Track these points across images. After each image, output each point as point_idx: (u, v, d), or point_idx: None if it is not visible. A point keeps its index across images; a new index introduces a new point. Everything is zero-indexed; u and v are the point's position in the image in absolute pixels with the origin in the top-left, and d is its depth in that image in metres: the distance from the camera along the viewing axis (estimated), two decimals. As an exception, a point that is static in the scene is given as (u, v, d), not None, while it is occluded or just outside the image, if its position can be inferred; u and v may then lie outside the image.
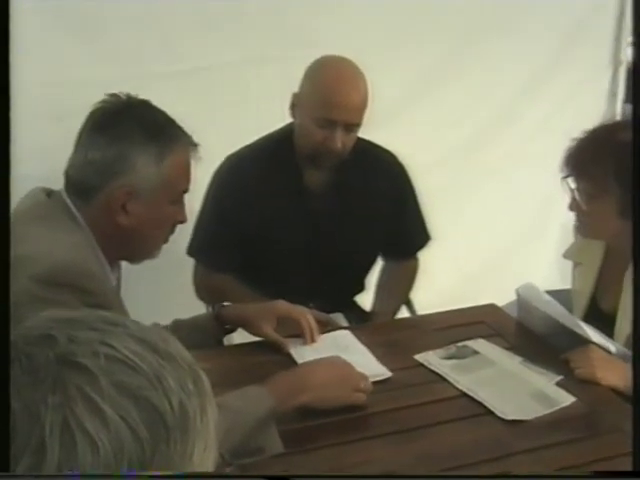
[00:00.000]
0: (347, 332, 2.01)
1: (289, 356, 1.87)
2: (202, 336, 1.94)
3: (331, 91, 2.08)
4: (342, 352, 1.79)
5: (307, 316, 1.93)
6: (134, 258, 1.76)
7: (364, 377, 1.67)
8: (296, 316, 1.93)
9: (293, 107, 2.17)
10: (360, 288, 2.46)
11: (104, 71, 2.45)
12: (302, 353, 1.87)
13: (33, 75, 2.22)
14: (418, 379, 1.81)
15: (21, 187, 1.56)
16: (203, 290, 2.32)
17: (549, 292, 2.04)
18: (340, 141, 2.10)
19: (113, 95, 1.63)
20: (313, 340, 1.92)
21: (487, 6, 2.99)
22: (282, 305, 1.94)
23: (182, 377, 0.68)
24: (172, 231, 1.73)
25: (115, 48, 2.53)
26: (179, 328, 1.93)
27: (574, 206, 1.95)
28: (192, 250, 2.30)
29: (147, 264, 1.77)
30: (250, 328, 1.94)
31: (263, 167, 2.23)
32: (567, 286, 2.21)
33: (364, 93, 2.10)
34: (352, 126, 2.12)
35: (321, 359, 1.69)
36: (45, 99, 2.38)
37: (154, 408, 0.65)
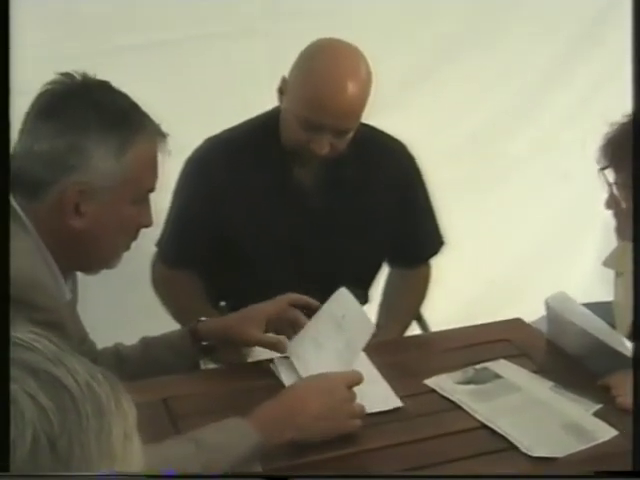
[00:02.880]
0: (361, 354, 1.97)
1: (279, 381, 1.85)
2: (175, 356, 1.94)
3: (319, 91, 2.04)
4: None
5: (292, 295, 1.96)
6: (89, 268, 1.74)
7: (353, 394, 1.67)
8: (285, 303, 1.95)
9: (281, 92, 2.15)
10: (363, 300, 2.43)
11: (63, 45, 2.45)
12: (290, 374, 1.85)
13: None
14: (429, 408, 1.79)
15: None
16: (160, 285, 2.36)
17: (587, 305, 2.03)
18: (327, 146, 2.08)
19: (65, 74, 1.61)
20: (315, 306, 1.95)
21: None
22: (266, 305, 1.95)
23: (90, 368, 0.75)
24: (135, 236, 1.72)
25: (75, 17, 2.53)
26: (148, 347, 1.96)
27: (612, 203, 1.94)
28: (158, 242, 2.34)
29: (108, 274, 1.76)
30: (235, 338, 1.94)
31: (245, 156, 2.23)
32: (609, 298, 2.20)
33: (361, 92, 2.07)
34: (343, 132, 2.11)
35: (309, 382, 1.69)
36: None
37: (55, 379, 0.71)
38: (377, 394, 1.79)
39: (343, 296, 1.97)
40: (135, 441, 0.76)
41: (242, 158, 2.23)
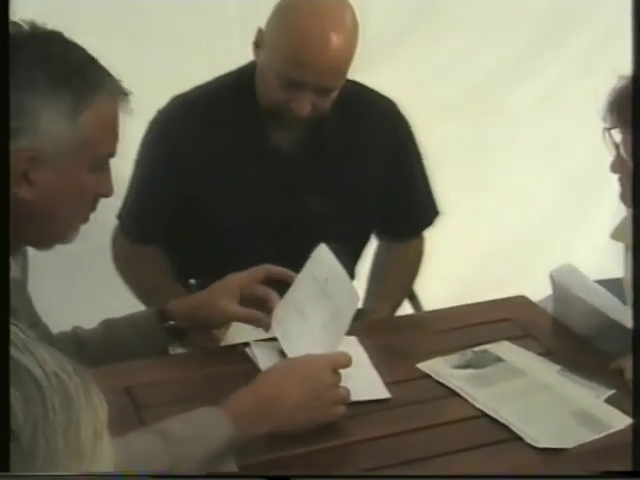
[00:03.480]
0: (352, 338, 1.97)
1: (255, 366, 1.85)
2: (141, 339, 1.94)
3: (300, 44, 2.02)
4: None
5: (268, 266, 1.95)
6: (42, 243, 1.72)
7: (338, 377, 1.66)
8: (260, 273, 1.94)
9: (257, 46, 2.13)
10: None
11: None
12: (267, 358, 1.85)
13: None
14: (422, 395, 1.79)
15: None
16: (122, 261, 2.37)
17: (598, 282, 2.03)
18: (309, 106, 2.07)
19: (11, 24, 1.58)
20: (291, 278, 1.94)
21: None
22: (239, 275, 1.94)
23: (59, 359, 0.75)
24: (93, 207, 1.70)
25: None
26: (110, 330, 1.96)
27: (617, 166, 1.92)
28: (120, 214, 2.34)
29: (63, 250, 1.74)
30: (208, 315, 1.93)
31: (216, 117, 2.21)
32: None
33: (346, 45, 2.05)
34: (327, 90, 2.09)
35: (288, 366, 1.68)
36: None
37: (21, 366, 0.71)
38: (364, 380, 1.78)
39: (323, 254, 1.95)
40: (105, 439, 0.77)
41: (213, 119, 2.21)
